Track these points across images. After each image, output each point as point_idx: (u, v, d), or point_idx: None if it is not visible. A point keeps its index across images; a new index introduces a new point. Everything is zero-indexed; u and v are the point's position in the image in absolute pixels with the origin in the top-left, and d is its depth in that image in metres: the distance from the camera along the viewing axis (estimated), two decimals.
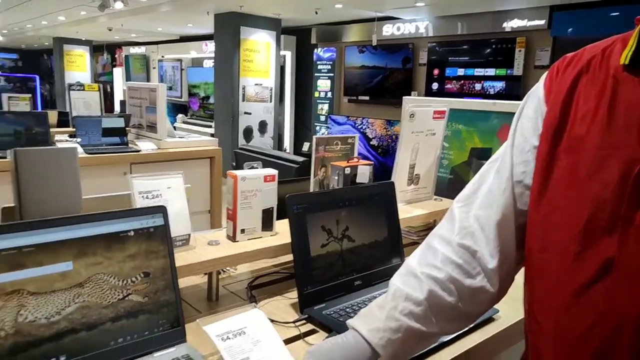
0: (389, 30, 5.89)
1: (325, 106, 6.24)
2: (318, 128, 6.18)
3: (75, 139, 3.02)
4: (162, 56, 9.26)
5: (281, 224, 1.26)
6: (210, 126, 7.14)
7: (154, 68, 9.36)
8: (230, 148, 5.32)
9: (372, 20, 5.76)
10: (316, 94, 6.36)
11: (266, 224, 1.20)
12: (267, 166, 1.22)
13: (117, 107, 6.35)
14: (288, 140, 6.96)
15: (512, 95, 4.76)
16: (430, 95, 5.29)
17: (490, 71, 4.94)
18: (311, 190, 1.43)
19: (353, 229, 1.18)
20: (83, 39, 10.16)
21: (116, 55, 10.36)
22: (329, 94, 6.23)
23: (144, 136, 3.32)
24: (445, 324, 0.75)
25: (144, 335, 0.87)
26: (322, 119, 6.17)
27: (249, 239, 1.18)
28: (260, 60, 6.45)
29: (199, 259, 1.06)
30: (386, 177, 1.44)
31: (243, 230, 1.17)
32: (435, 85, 5.41)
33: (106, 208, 0.89)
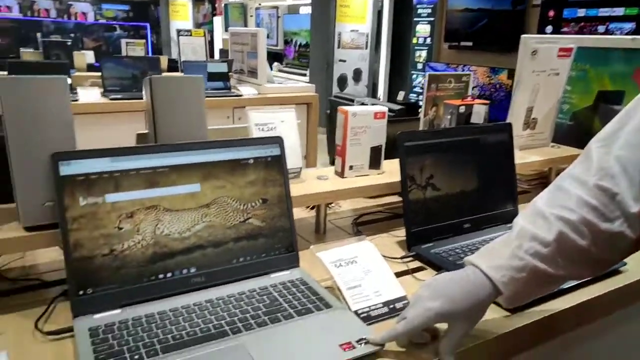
0: None
1: (424, 53, 5.96)
2: (414, 76, 5.95)
3: None
4: (259, 4, 9.35)
5: (387, 164, 1.24)
6: (304, 74, 7.17)
7: (251, 16, 9.50)
8: (325, 96, 5.34)
9: None
10: (414, 40, 6.07)
11: (374, 161, 1.20)
12: None
13: (217, 56, 6.57)
14: (382, 89, 6.82)
15: None
16: None
17: (618, 10, 4.36)
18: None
19: (466, 170, 1.13)
20: None
21: (216, 4, 10.64)
22: (428, 40, 5.93)
23: (245, 81, 3.42)
24: (574, 269, 0.71)
25: (262, 257, 0.92)
26: (420, 66, 5.92)
27: (356, 176, 1.19)
28: (357, 4, 6.26)
29: (309, 191, 1.09)
30: None
31: (351, 167, 1.18)
32: (549, 29, 4.91)
33: (226, 138, 0.93)
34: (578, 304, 0.90)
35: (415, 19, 6.16)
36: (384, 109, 1.15)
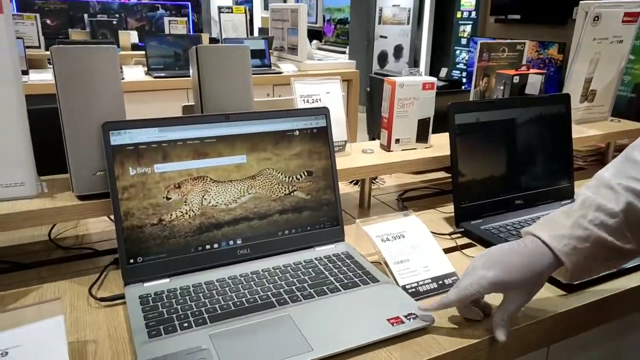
0: None
1: (468, 28, 5.74)
2: (458, 52, 5.76)
3: None
4: None
5: (435, 138, 1.20)
6: (344, 52, 7.06)
7: None
8: (365, 73, 5.24)
9: None
10: (458, 15, 5.85)
11: (421, 135, 1.16)
12: None
13: (256, 34, 6.57)
14: (424, 66, 6.64)
15: None
16: None
17: None
18: None
19: (519, 143, 1.08)
20: None
21: None
22: (473, 14, 5.70)
23: (285, 58, 3.40)
24: None
25: (307, 230, 0.91)
26: (464, 42, 5.71)
27: (402, 150, 1.15)
28: None
29: (354, 164, 1.07)
30: None
31: (398, 140, 1.14)
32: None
33: (272, 109, 0.92)
34: (636, 286, 0.84)
35: None
36: (433, 80, 1.11)
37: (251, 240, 0.87)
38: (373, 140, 1.16)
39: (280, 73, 3.13)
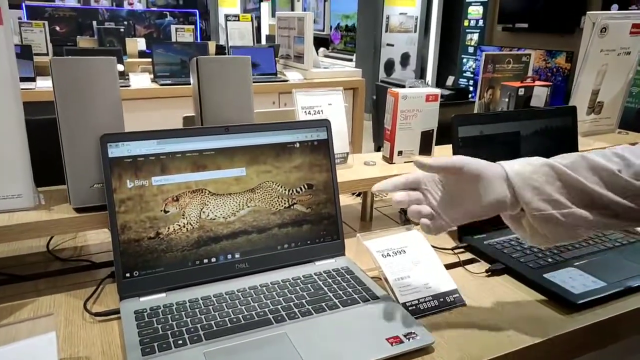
0: None
1: (475, 36, 5.72)
2: (465, 60, 5.74)
3: None
4: None
5: (440, 150, 1.19)
6: (351, 60, 7.08)
7: (298, 1, 9.45)
8: (372, 81, 5.24)
9: None
10: (465, 23, 5.84)
11: (425, 147, 1.14)
12: None
13: (264, 41, 6.60)
14: (430, 74, 6.62)
15: None
16: None
17: None
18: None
19: (524, 156, 1.06)
20: None
21: None
22: (480, 22, 5.69)
23: (291, 66, 3.40)
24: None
25: (306, 244, 0.90)
26: (471, 50, 5.70)
27: (405, 162, 1.14)
28: None
29: (356, 176, 1.05)
30: None
31: (400, 152, 1.13)
32: (615, 8, 4.59)
33: (273, 121, 0.91)
34: (638, 308, 0.82)
35: (467, 0, 5.91)
36: (437, 91, 1.09)
37: (250, 255, 0.85)
38: (379, 149, 1.14)
39: (286, 81, 3.13)
